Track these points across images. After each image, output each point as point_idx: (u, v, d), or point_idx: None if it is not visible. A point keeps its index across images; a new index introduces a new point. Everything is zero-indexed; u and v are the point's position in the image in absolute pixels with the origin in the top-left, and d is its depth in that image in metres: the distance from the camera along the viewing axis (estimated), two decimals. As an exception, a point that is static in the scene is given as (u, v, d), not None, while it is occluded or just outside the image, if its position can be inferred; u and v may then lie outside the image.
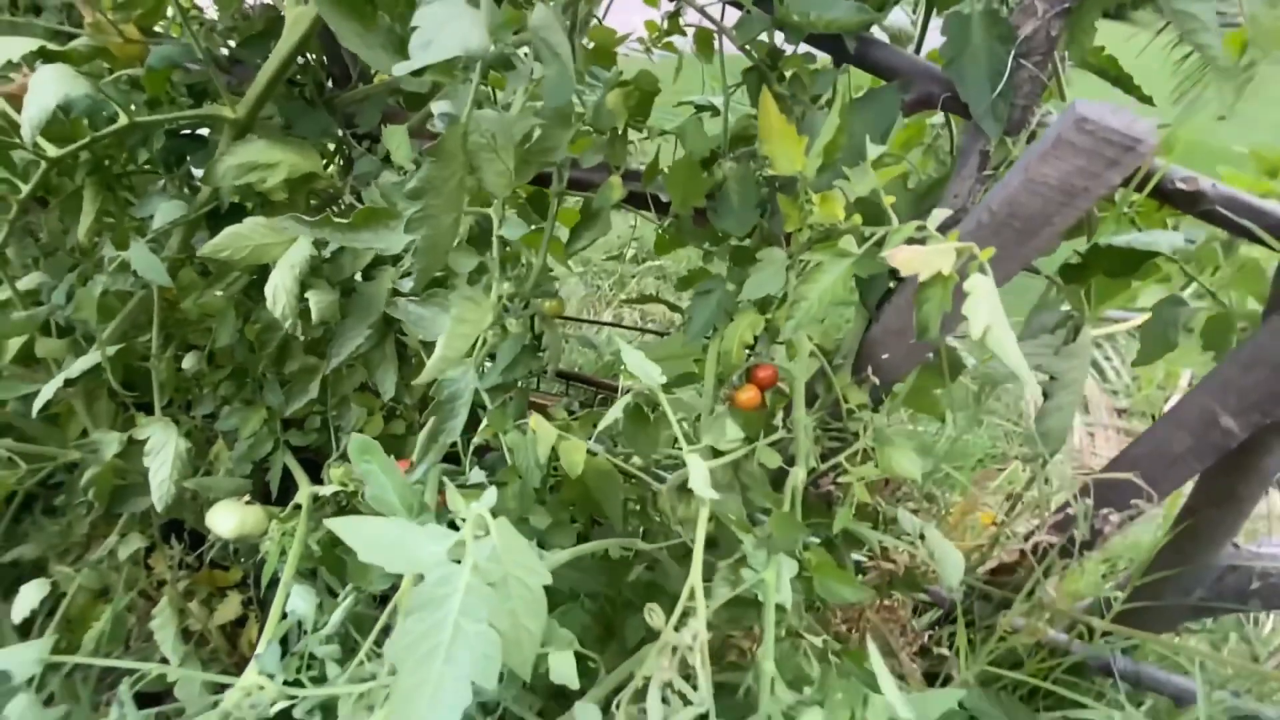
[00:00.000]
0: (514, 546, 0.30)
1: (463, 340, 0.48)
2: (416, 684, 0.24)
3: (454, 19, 0.33)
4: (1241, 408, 0.63)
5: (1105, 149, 0.46)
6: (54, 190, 0.71)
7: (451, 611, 0.26)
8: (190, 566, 1.00)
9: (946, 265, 0.39)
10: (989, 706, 0.77)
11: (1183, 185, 0.61)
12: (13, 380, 0.80)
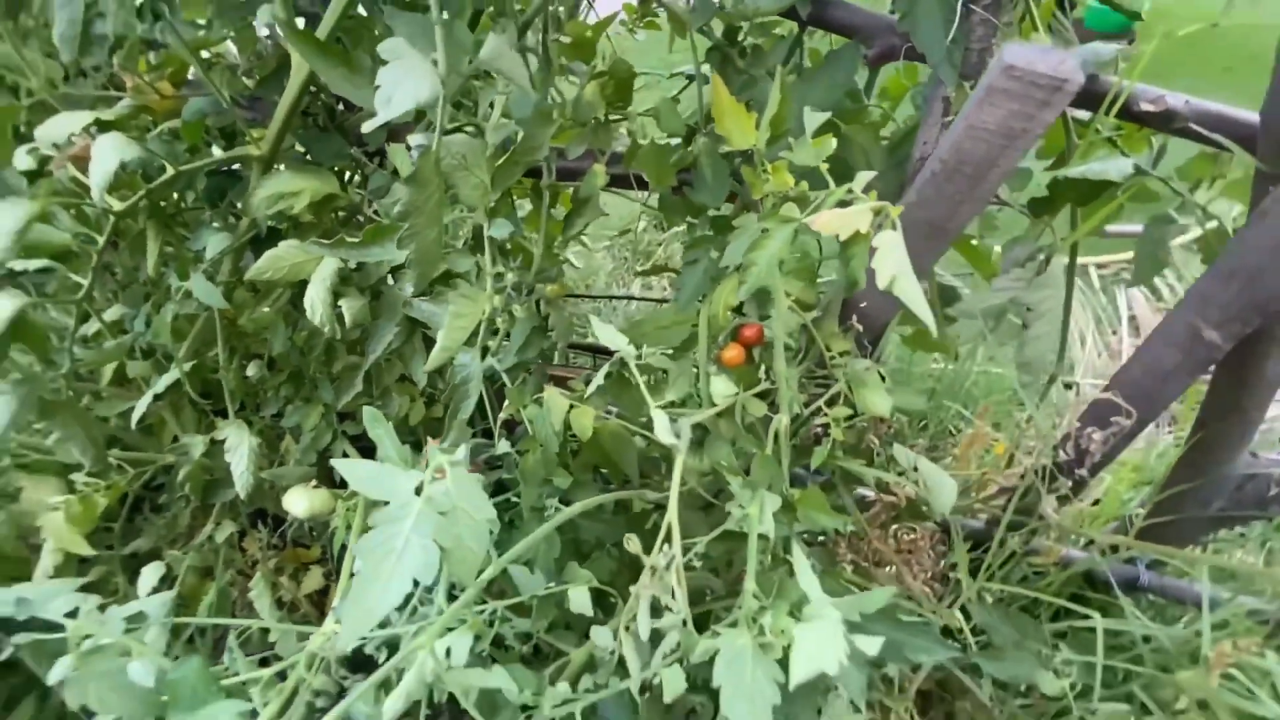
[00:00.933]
0: (466, 488, 0.38)
1: (460, 332, 0.56)
2: (373, 576, 0.34)
3: (408, 76, 0.40)
4: (1222, 320, 0.64)
5: (1035, 92, 0.49)
6: (122, 234, 0.82)
7: (405, 528, 0.35)
8: (276, 546, 1.14)
9: (864, 225, 0.43)
10: (996, 621, 0.82)
11: (1150, 106, 0.62)
12: (112, 400, 0.94)
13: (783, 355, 0.68)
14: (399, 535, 0.35)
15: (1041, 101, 0.49)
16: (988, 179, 0.56)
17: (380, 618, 0.34)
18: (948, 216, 0.60)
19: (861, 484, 0.84)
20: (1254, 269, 0.59)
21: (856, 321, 0.75)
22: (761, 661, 0.39)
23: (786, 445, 0.67)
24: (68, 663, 0.42)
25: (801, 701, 0.44)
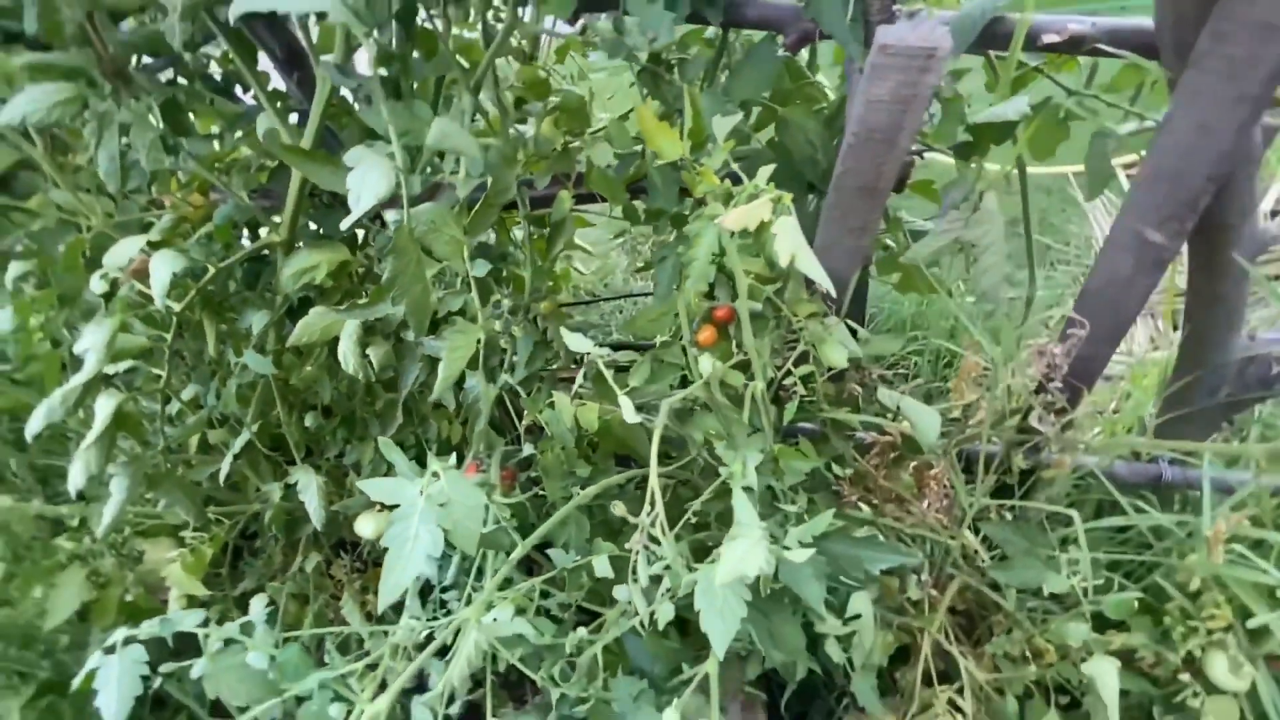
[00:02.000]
0: (456, 485, 0.48)
1: (457, 363, 0.66)
2: (396, 557, 0.45)
3: (369, 176, 0.50)
4: (1160, 220, 0.68)
5: (912, 62, 0.55)
6: (184, 327, 0.96)
7: (415, 520, 0.45)
8: (359, 569, 1.29)
9: (765, 214, 0.50)
10: (1008, 534, 0.87)
11: (1055, 37, 0.66)
12: (201, 465, 1.09)
13: (749, 329, 0.76)
14: (411, 526, 0.46)
15: (920, 69, 0.55)
16: (898, 141, 0.62)
17: (405, 587, 0.45)
18: (875, 178, 0.67)
19: (853, 430, 0.90)
20: (1174, 171, 0.63)
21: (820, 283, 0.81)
22: (732, 584, 0.47)
23: (765, 407, 0.75)
24: (203, 662, 0.55)
25: (776, 616, 0.52)
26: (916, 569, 0.94)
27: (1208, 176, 0.61)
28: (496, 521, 0.68)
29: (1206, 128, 0.58)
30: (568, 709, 0.61)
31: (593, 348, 0.65)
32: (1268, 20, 0.50)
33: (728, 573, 0.45)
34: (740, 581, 0.47)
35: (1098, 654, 0.74)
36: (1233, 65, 0.53)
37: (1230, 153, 0.59)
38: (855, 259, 0.79)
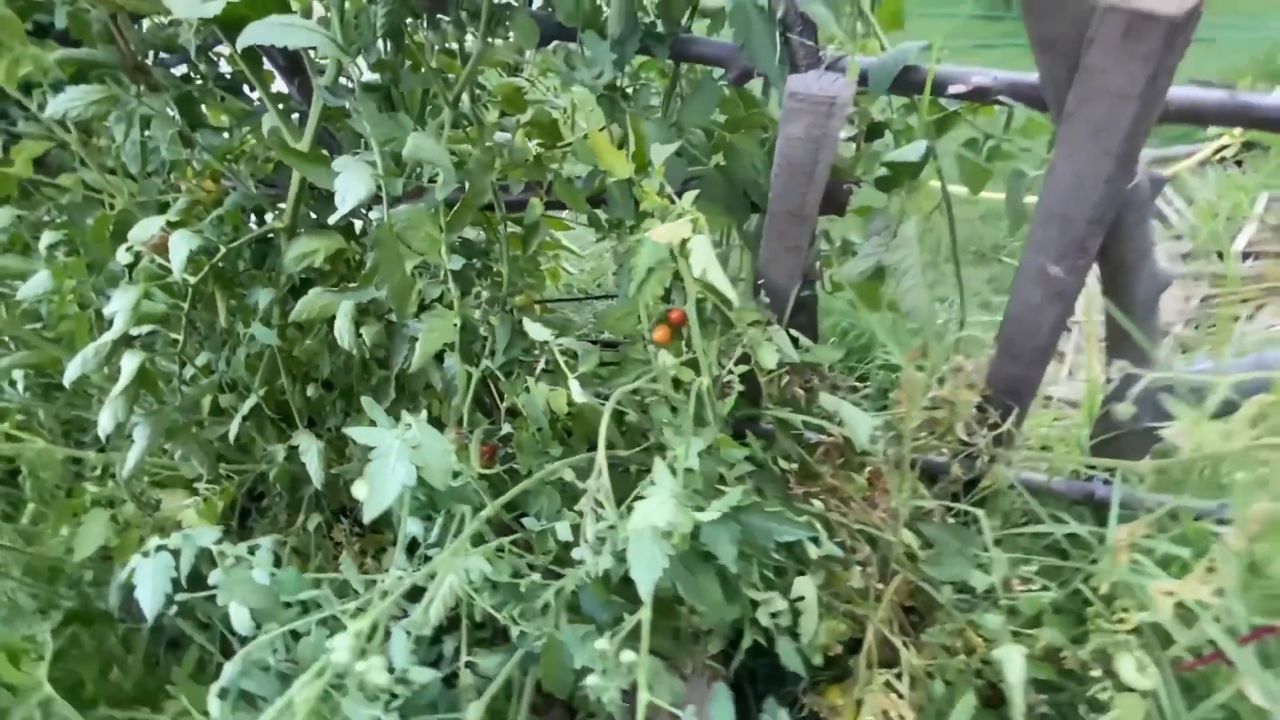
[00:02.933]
0: (426, 433, 0.59)
1: (432, 344, 0.76)
2: (377, 486, 0.56)
3: (352, 182, 0.60)
4: (1058, 256, 0.76)
5: (818, 107, 0.63)
6: (199, 298, 1.07)
7: (392, 458, 0.56)
8: (359, 534, 1.41)
9: (685, 233, 0.60)
10: (942, 534, 0.96)
11: (961, 87, 0.74)
12: (212, 426, 1.21)
13: (698, 331, 0.85)
14: (388, 463, 0.58)
15: (825, 114, 0.64)
16: (815, 174, 0.71)
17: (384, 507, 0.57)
18: (801, 204, 0.75)
19: (799, 430, 1.00)
20: (1060, 214, 0.71)
21: (765, 294, 0.91)
22: (659, 541, 0.58)
23: (711, 400, 0.85)
24: (218, 573, 0.67)
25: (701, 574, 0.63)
26: (864, 560, 1.05)
27: (1089, 220, 0.69)
28: (468, 480, 0.79)
29: (1081, 177, 0.66)
30: (527, 645, 0.72)
31: (550, 336, 0.75)
32: (1120, 89, 0.58)
33: (638, 521, 0.55)
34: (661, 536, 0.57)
35: (1008, 643, 0.84)
36: (1095, 125, 0.61)
37: (1103, 200, 0.67)
38: (793, 274, 0.88)
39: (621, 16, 0.77)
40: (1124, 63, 0.56)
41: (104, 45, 0.93)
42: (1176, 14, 0.52)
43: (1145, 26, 0.54)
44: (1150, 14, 0.53)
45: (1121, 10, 0.54)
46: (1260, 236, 2.18)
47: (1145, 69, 0.56)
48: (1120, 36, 0.55)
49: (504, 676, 0.71)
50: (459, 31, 0.77)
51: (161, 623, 1.26)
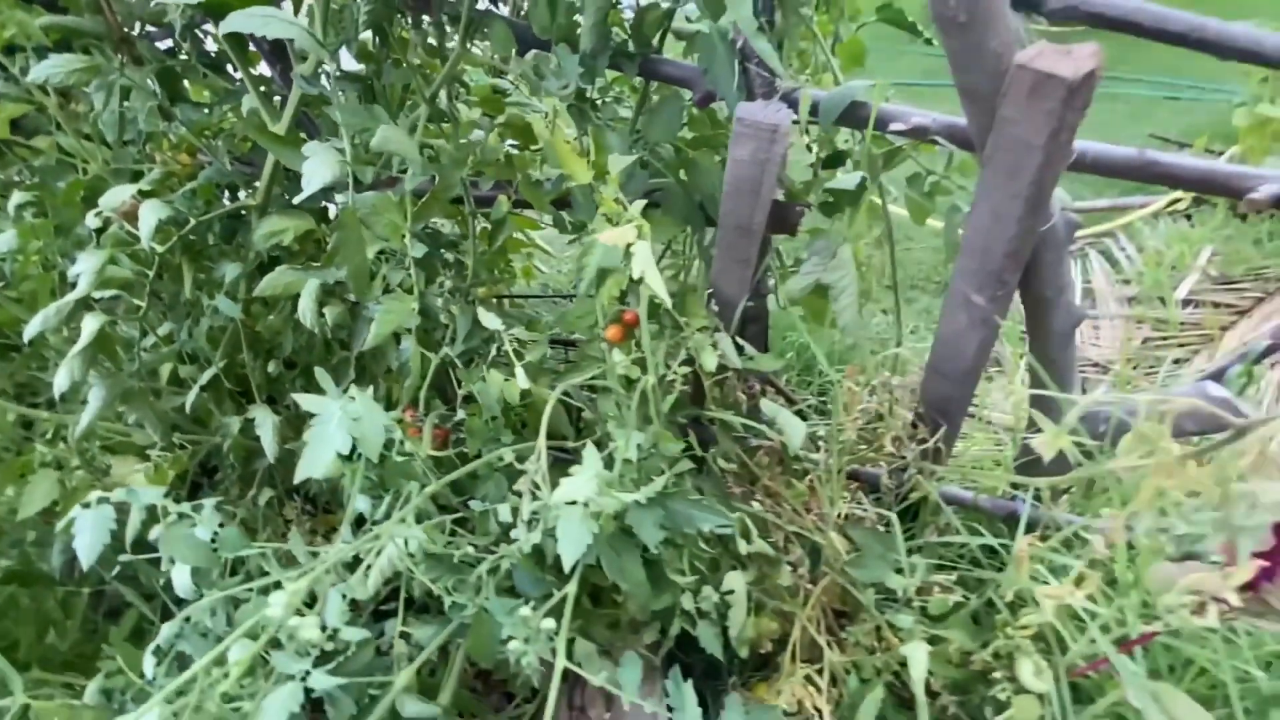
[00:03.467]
0: (366, 405, 0.62)
1: (388, 325, 0.80)
2: (316, 448, 0.60)
3: (320, 165, 0.64)
4: (979, 286, 0.83)
5: (762, 134, 0.69)
6: (165, 268, 1.08)
7: (332, 425, 0.60)
8: (310, 513, 1.42)
9: (630, 238, 0.64)
10: (867, 539, 1.02)
11: (900, 126, 0.80)
12: (170, 396, 1.22)
13: (647, 332, 0.90)
14: (329, 428, 0.61)
15: (769, 140, 0.69)
16: (761, 193, 0.77)
17: (319, 469, 0.60)
18: (748, 221, 0.81)
19: (741, 433, 1.05)
20: (981, 247, 0.78)
21: (715, 303, 0.96)
22: (585, 519, 0.62)
23: (655, 397, 0.89)
24: (160, 529, 0.69)
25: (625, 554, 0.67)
26: (795, 561, 1.10)
27: (1004, 254, 0.76)
28: (417, 458, 0.83)
29: (997, 215, 0.72)
30: (459, 616, 0.76)
31: (501, 326, 0.79)
32: (1027, 139, 0.64)
33: (560, 495, 0.60)
34: (588, 516, 0.61)
35: (913, 640, 0.90)
36: (1008, 170, 0.67)
37: (1017, 237, 0.73)
38: (742, 285, 0.93)
39: (594, 33, 0.82)
40: (1031, 116, 0.63)
41: (91, 14, 0.95)
42: (1074, 77, 0.59)
43: (1048, 85, 0.60)
44: (1052, 74, 0.60)
45: (1029, 69, 0.61)
46: (1200, 286, 2.32)
47: (1049, 123, 0.63)
48: (1028, 93, 0.62)
49: (435, 645, 0.74)
50: (439, 34, 0.81)
51: (103, 589, 1.26)
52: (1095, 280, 2.42)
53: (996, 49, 0.64)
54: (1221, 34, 0.61)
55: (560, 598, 0.64)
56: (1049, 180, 0.68)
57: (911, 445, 1.06)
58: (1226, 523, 0.50)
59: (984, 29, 0.63)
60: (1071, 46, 0.62)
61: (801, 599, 1.10)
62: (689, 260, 1.16)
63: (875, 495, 1.21)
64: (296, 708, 0.58)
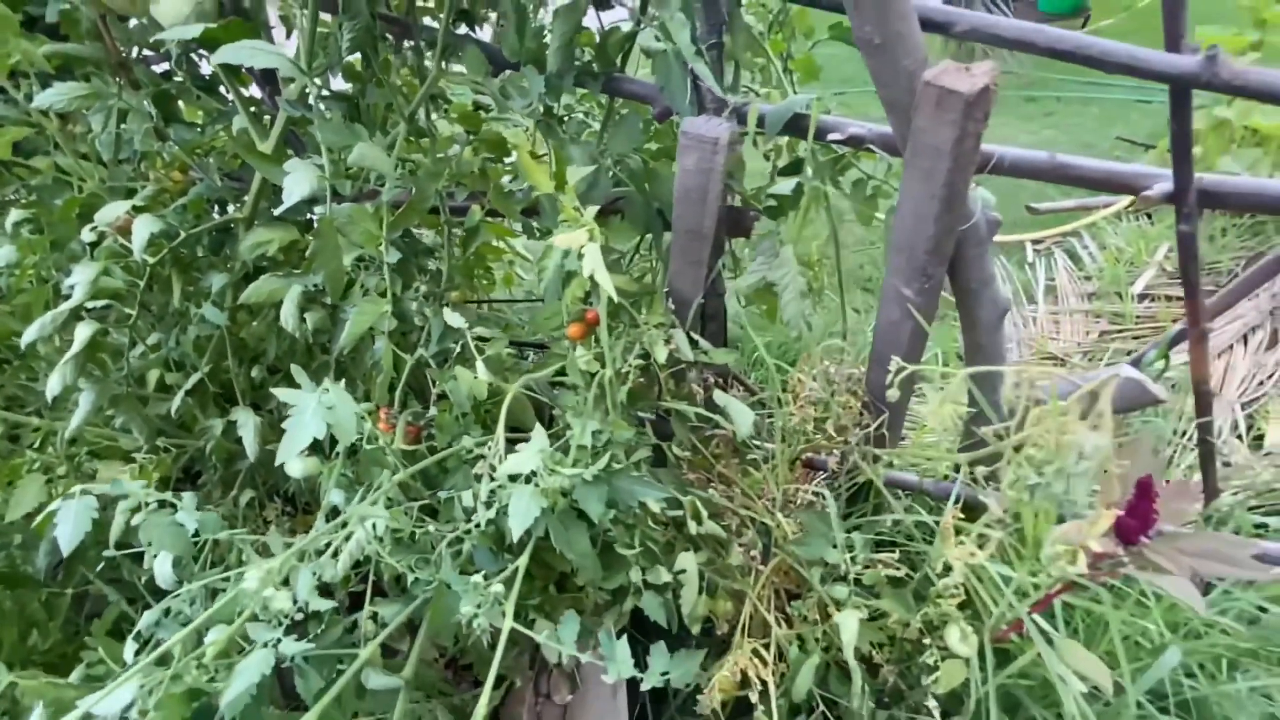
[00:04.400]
0: (340, 396, 0.68)
1: (361, 324, 0.86)
2: (292, 435, 0.65)
3: (299, 178, 0.70)
4: (907, 280, 0.90)
5: (704, 145, 0.77)
6: (155, 279, 1.14)
7: (308, 414, 0.65)
8: (289, 514, 1.46)
9: (582, 240, 0.71)
10: (810, 519, 1.08)
11: (837, 136, 0.88)
12: (156, 402, 1.27)
13: (606, 329, 0.96)
14: (305, 417, 0.66)
15: (712, 151, 0.77)
16: (708, 199, 0.84)
17: (296, 452, 0.65)
18: (698, 225, 0.88)
19: (696, 422, 1.11)
20: (907, 244, 0.85)
21: (671, 303, 1.03)
22: (534, 496, 0.67)
23: (612, 390, 0.95)
24: (141, 515, 0.74)
25: (572, 528, 0.73)
26: (747, 543, 1.15)
27: (926, 251, 0.83)
28: (387, 450, 0.88)
29: (919, 214, 0.80)
30: (420, 592, 0.81)
31: (464, 324, 0.85)
32: (937, 146, 0.72)
33: (506, 469, 0.65)
34: (537, 492, 0.67)
35: (845, 609, 0.95)
36: (924, 173, 0.75)
37: (937, 235, 0.81)
38: (697, 285, 1.00)
39: (560, 55, 0.90)
40: (938, 126, 0.71)
41: (91, 41, 1.02)
42: (970, 91, 0.67)
43: (950, 99, 0.68)
44: (953, 90, 0.68)
45: (934, 86, 0.69)
46: (1156, 281, 2.43)
47: (953, 131, 0.70)
48: (934, 105, 0.70)
49: (399, 620, 0.79)
50: (418, 57, 0.89)
51: (86, 590, 1.29)
52: (1059, 277, 2.52)
53: (909, 67, 0.72)
54: (1105, 50, 0.70)
55: (512, 570, 0.69)
56: (960, 182, 0.76)
57: (856, 431, 1.12)
58: (1062, 472, 0.57)
59: (896, 50, 0.71)
60: (971, 65, 0.70)
61: (753, 578, 1.16)
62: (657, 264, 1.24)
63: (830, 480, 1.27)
64: (268, 671, 0.63)
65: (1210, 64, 0.66)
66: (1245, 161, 2.44)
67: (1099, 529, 0.63)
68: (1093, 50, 0.69)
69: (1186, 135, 0.76)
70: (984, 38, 0.72)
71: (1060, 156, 0.87)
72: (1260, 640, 1.15)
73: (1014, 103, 3.89)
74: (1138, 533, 0.72)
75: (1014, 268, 2.60)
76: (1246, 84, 0.66)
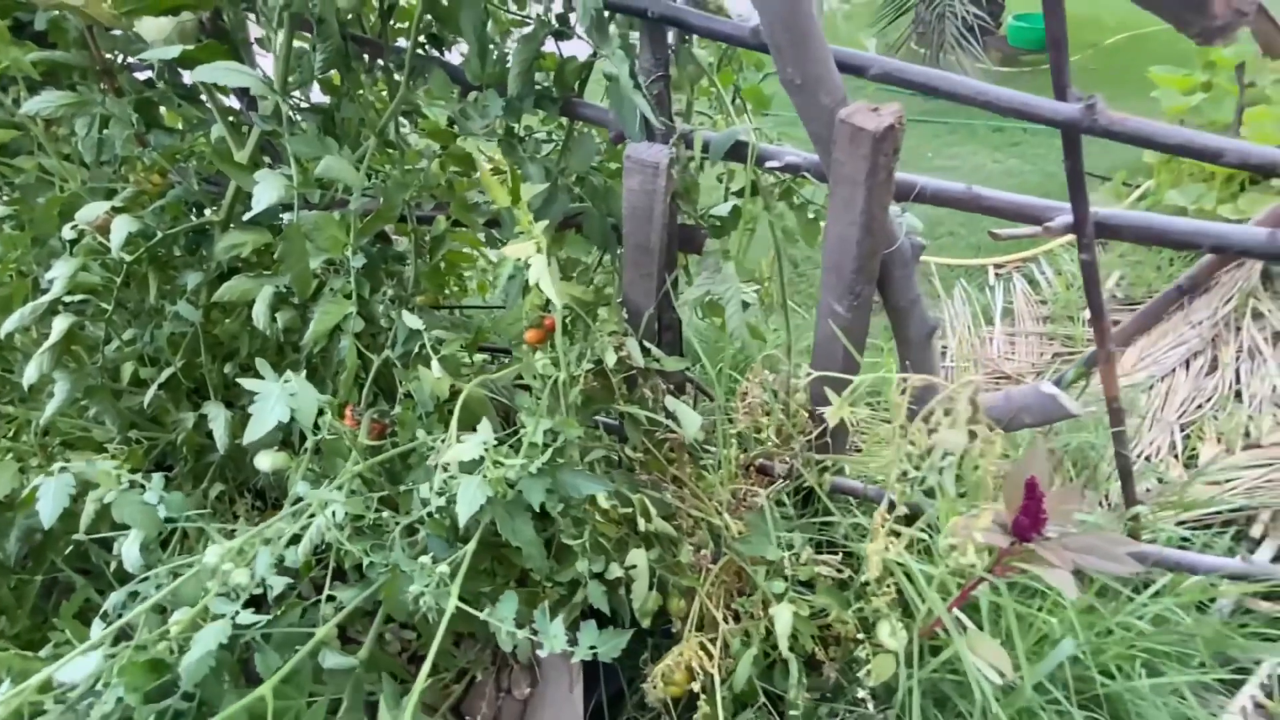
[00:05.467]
0: (301, 385, 0.74)
1: (326, 322, 0.92)
2: (258, 419, 0.71)
3: (267, 187, 0.76)
4: (838, 298, 0.98)
5: (646, 169, 0.84)
6: (132, 276, 1.19)
7: (271, 401, 0.71)
8: (259, 509, 1.50)
9: (530, 251, 0.78)
10: (755, 520, 1.15)
11: (775, 164, 0.96)
12: (131, 394, 1.31)
13: (561, 334, 1.03)
14: (269, 404, 0.72)
15: (653, 174, 0.84)
16: (654, 217, 0.91)
17: (262, 433, 0.71)
18: (646, 240, 0.95)
19: (648, 426, 1.18)
20: (835, 264, 0.93)
21: (626, 312, 1.10)
22: (482, 485, 0.74)
23: (564, 392, 1.02)
24: (112, 493, 0.79)
25: (517, 517, 0.79)
26: (698, 542, 1.22)
27: (852, 271, 0.91)
28: (349, 443, 0.94)
29: (843, 238, 0.87)
30: (377, 575, 0.86)
31: (420, 326, 0.91)
32: (853, 177, 0.80)
33: (450, 455, 0.72)
34: (484, 482, 0.73)
35: (781, 604, 1.02)
36: (844, 201, 0.83)
37: (860, 257, 0.89)
38: (648, 296, 1.07)
39: (519, 80, 0.97)
40: (852, 159, 0.79)
41: (77, 49, 1.08)
42: (877, 129, 0.75)
43: (860, 136, 0.76)
44: (862, 128, 0.76)
45: (846, 123, 0.77)
46: (1107, 306, 2.54)
47: (865, 164, 0.78)
48: (848, 140, 0.78)
49: (355, 603, 0.84)
50: (388, 77, 0.95)
51: (55, 576, 1.32)
52: (1016, 300, 2.63)
53: (828, 104, 0.80)
54: (999, 96, 0.78)
55: (460, 554, 0.75)
56: (877, 209, 0.84)
57: (799, 438, 1.20)
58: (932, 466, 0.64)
59: (816, 89, 0.79)
60: (880, 105, 0.78)
61: (703, 576, 1.22)
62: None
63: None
64: (224, 640, 0.68)
65: (1090, 112, 0.75)
66: (1191, 196, 2.57)
67: (982, 523, 0.70)
68: (989, 95, 0.77)
69: (1079, 173, 0.84)
70: (895, 81, 0.80)
71: (976, 189, 0.96)
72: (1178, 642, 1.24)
73: (983, 132, 4.03)
74: (1030, 530, 0.80)
75: (975, 290, 2.71)
76: (1122, 130, 0.75)
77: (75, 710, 0.69)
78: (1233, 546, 1.60)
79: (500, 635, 0.77)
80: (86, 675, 0.66)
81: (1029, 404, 1.06)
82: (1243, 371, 2.15)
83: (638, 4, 0.85)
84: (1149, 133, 0.74)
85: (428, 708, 1.28)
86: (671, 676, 1.10)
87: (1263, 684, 1.28)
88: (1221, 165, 0.75)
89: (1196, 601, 1.31)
